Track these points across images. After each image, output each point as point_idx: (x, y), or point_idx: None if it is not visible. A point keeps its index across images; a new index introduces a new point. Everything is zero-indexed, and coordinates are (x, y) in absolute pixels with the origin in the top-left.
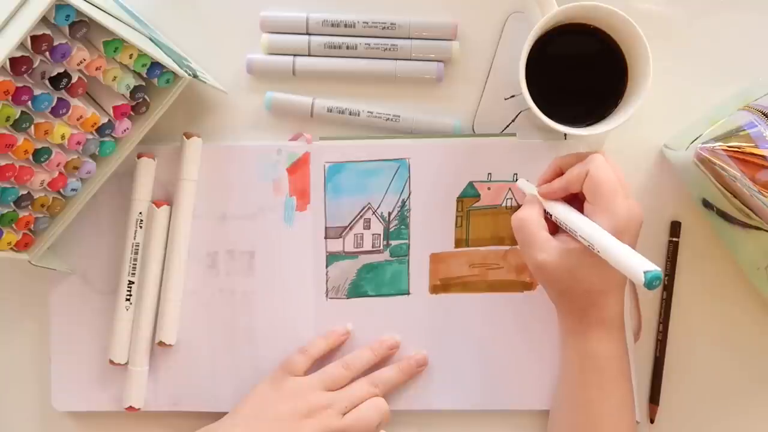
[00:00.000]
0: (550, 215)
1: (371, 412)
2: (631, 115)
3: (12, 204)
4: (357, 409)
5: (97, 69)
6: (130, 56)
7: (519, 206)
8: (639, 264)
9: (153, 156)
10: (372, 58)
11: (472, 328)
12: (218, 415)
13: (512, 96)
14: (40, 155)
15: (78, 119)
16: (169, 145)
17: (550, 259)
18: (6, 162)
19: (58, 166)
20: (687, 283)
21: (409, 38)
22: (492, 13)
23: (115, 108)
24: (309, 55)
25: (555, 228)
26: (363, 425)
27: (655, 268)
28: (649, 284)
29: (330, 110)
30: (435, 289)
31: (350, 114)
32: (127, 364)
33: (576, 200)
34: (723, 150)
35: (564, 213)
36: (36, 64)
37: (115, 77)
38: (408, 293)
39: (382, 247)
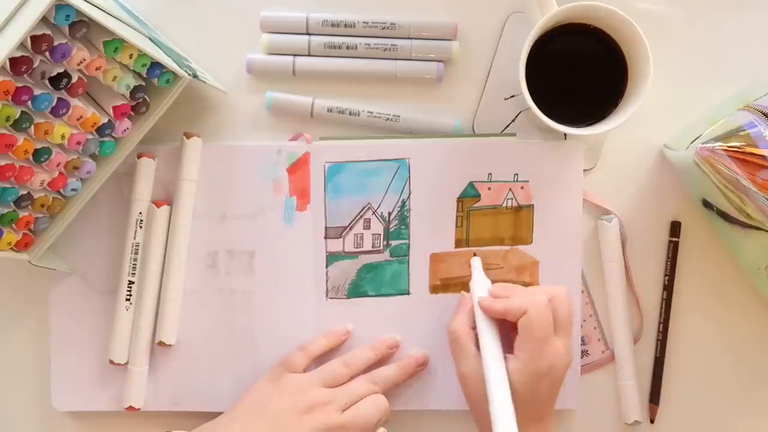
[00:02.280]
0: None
1: (371, 409)
2: (631, 115)
3: (12, 204)
4: (356, 405)
5: (97, 69)
6: (130, 56)
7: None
8: (503, 428)
9: (153, 156)
10: (372, 58)
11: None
12: (218, 415)
13: (512, 96)
14: (40, 155)
15: (78, 119)
16: (169, 145)
17: (470, 374)
18: (6, 162)
19: (58, 166)
20: (687, 283)
21: (409, 38)
22: (492, 13)
23: (115, 108)
24: (309, 55)
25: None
26: (362, 422)
27: None
28: None
29: (330, 110)
30: (435, 289)
31: (350, 114)
32: (127, 364)
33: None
34: (723, 150)
35: (484, 344)
36: (36, 64)
37: (115, 77)
38: (408, 293)
39: (382, 247)
